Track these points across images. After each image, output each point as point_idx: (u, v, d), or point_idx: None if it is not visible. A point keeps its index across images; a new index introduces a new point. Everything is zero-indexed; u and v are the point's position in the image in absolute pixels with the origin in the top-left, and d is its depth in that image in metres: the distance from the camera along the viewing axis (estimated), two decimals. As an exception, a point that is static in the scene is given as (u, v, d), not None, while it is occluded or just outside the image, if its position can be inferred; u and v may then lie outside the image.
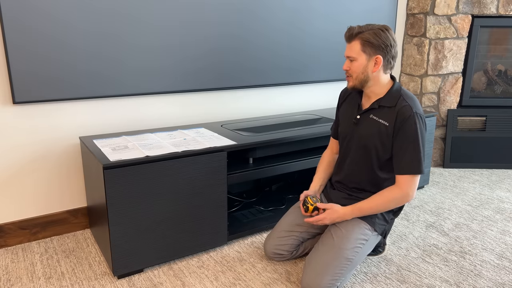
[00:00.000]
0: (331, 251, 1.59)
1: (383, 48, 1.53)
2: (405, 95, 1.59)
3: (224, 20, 2.28)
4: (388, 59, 1.56)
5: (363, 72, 1.57)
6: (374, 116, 1.62)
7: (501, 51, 3.08)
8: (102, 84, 2.02)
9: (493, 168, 3.11)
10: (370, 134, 1.62)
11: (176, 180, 1.75)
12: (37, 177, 2.00)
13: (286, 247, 1.79)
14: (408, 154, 1.55)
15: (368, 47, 1.53)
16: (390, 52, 1.55)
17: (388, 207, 1.60)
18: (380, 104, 1.60)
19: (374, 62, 1.55)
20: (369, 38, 1.52)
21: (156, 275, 1.76)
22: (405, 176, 1.56)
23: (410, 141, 1.54)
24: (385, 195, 1.59)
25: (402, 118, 1.54)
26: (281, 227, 1.81)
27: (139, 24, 2.04)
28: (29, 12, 1.79)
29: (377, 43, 1.52)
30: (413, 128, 1.53)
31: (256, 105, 2.58)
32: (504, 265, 1.85)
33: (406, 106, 1.55)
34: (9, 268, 1.81)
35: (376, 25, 1.55)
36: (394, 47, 1.56)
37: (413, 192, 1.58)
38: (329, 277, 1.55)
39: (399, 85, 1.63)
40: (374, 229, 1.65)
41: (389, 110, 1.58)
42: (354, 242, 1.60)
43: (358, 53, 1.55)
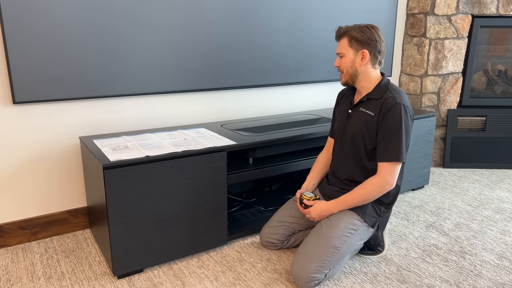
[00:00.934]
0: (319, 240, 1.66)
1: (368, 42, 1.63)
2: (392, 88, 1.67)
3: (224, 20, 2.28)
4: (375, 54, 1.65)
5: (351, 66, 1.68)
6: (363, 108, 1.70)
7: (501, 51, 3.08)
8: (102, 84, 2.02)
9: (493, 168, 3.11)
10: (359, 125, 1.69)
11: (176, 180, 1.75)
12: (37, 177, 2.00)
13: (277, 236, 1.90)
14: (390, 142, 1.61)
15: (354, 42, 1.65)
16: (376, 47, 1.64)
17: (370, 197, 1.66)
18: (369, 97, 1.69)
19: (361, 56, 1.65)
20: (355, 34, 1.64)
21: (156, 275, 1.76)
22: (385, 163, 1.62)
23: (393, 129, 1.60)
24: (366, 184, 1.66)
25: (386, 107, 1.61)
26: (275, 218, 1.92)
27: (140, 24, 2.04)
28: (29, 12, 1.79)
29: (363, 38, 1.63)
30: (396, 117, 1.60)
31: (256, 105, 2.58)
32: (504, 265, 1.85)
33: (390, 97, 1.62)
34: (9, 268, 1.81)
35: (362, 24, 1.67)
36: (380, 43, 1.65)
37: (392, 180, 1.64)
38: (316, 263, 1.61)
39: (388, 80, 1.71)
40: (364, 220, 1.69)
41: (375, 102, 1.66)
42: (342, 231, 1.65)
43: (346, 48, 1.67)
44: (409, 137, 1.64)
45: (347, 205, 1.69)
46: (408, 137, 1.63)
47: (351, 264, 1.85)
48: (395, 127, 1.60)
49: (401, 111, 1.59)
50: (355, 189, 1.68)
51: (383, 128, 1.62)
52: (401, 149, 1.60)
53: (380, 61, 1.68)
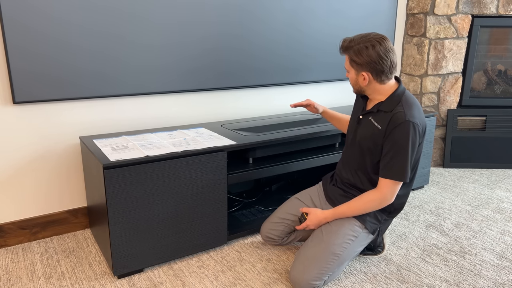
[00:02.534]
0: (319, 246, 1.64)
1: (367, 64, 1.55)
2: (405, 101, 1.59)
3: (224, 20, 2.28)
4: (377, 73, 1.57)
5: (355, 84, 1.65)
6: (372, 119, 1.65)
7: (501, 51, 3.08)
8: (102, 84, 2.02)
9: (493, 168, 3.11)
10: (366, 135, 1.65)
11: (176, 180, 1.75)
12: (37, 177, 2.00)
13: (277, 233, 1.90)
14: (395, 160, 1.56)
15: (354, 64, 1.59)
16: (376, 68, 1.55)
17: (367, 210, 1.64)
18: (379, 109, 1.62)
19: (362, 77, 1.59)
20: (353, 56, 1.57)
21: (156, 275, 1.76)
22: (387, 180, 1.59)
23: (399, 147, 1.54)
24: (364, 197, 1.63)
25: (394, 123, 1.55)
26: (276, 214, 1.93)
27: (139, 24, 2.04)
28: (29, 11, 1.79)
29: (360, 62, 1.55)
30: (404, 135, 1.53)
31: (256, 105, 2.58)
32: (504, 265, 1.85)
33: (400, 113, 1.55)
34: (9, 268, 1.81)
35: (365, 38, 1.54)
36: (382, 61, 1.54)
37: (391, 197, 1.61)
38: (316, 270, 1.59)
39: (403, 90, 1.62)
40: (365, 226, 1.68)
41: (385, 114, 1.60)
42: (342, 238, 1.64)
43: (348, 67, 1.63)
44: (414, 156, 1.58)
45: (344, 216, 1.67)
46: (413, 156, 1.58)
47: (351, 264, 1.85)
48: (401, 145, 1.54)
49: (409, 128, 1.52)
50: (353, 200, 1.65)
51: (389, 144, 1.56)
52: (405, 169, 1.55)
53: (387, 76, 1.58)
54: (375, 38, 1.54)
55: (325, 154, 2.22)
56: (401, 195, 1.70)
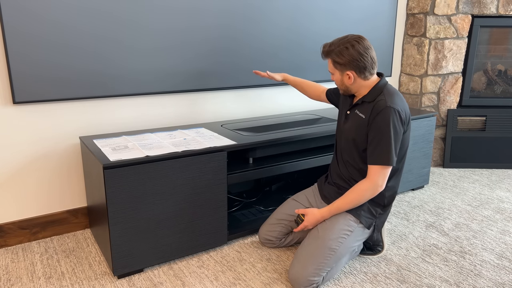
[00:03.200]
0: (315, 242, 1.67)
1: (350, 63, 1.63)
2: (386, 90, 1.66)
3: (224, 20, 2.28)
4: (360, 70, 1.64)
5: (341, 84, 1.72)
6: (358, 111, 1.71)
7: (501, 51, 3.08)
8: (102, 84, 2.02)
9: (493, 168, 3.11)
10: (352, 127, 1.72)
11: (176, 180, 1.75)
12: (37, 177, 2.00)
13: (275, 234, 1.91)
14: (378, 145, 1.61)
15: (337, 65, 1.67)
16: (359, 65, 1.63)
17: (362, 200, 1.67)
18: (363, 100, 1.70)
19: (347, 76, 1.66)
20: (335, 58, 1.65)
21: (156, 275, 1.76)
22: (374, 166, 1.63)
23: (381, 132, 1.60)
24: (357, 188, 1.67)
25: (376, 110, 1.62)
26: (273, 216, 1.95)
27: (139, 24, 2.04)
28: (30, 12, 1.79)
29: (343, 62, 1.64)
30: (386, 120, 1.59)
31: (256, 105, 2.58)
32: (504, 265, 1.85)
33: (381, 100, 1.62)
34: (9, 268, 1.81)
35: (344, 40, 1.63)
36: (363, 58, 1.62)
37: (382, 182, 1.65)
38: (313, 266, 1.62)
39: (384, 83, 1.70)
40: (360, 221, 1.70)
41: (368, 104, 1.67)
42: (337, 233, 1.66)
43: (332, 69, 1.71)
44: (398, 141, 1.63)
45: (340, 210, 1.70)
46: (397, 141, 1.62)
47: (351, 264, 1.85)
48: (384, 130, 1.59)
49: (391, 114, 1.59)
50: (346, 194, 1.68)
51: (373, 130, 1.62)
52: (390, 153, 1.60)
53: (370, 71, 1.66)
54: (353, 38, 1.63)
55: (325, 154, 2.22)
56: (390, 186, 1.74)
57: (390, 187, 1.74)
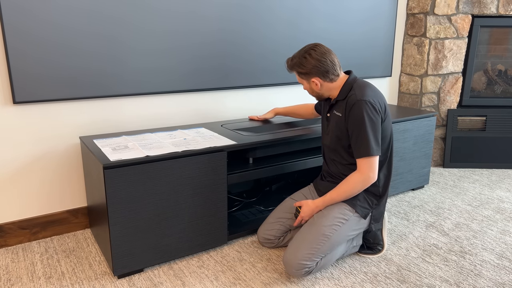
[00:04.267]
0: (309, 228, 1.72)
1: (312, 71, 1.70)
2: (356, 85, 1.72)
3: (224, 20, 2.28)
4: (324, 75, 1.71)
5: (312, 92, 1.79)
6: (335, 110, 1.77)
7: (501, 51, 3.08)
8: (102, 84, 2.02)
9: (493, 168, 3.11)
10: (333, 126, 1.77)
11: (176, 180, 1.75)
12: (37, 177, 2.00)
13: (273, 232, 1.92)
14: (358, 139, 1.66)
15: (302, 75, 1.74)
16: (320, 71, 1.69)
17: (355, 191, 1.71)
18: (337, 100, 1.76)
19: (314, 83, 1.73)
20: (298, 69, 1.73)
21: (156, 275, 1.76)
22: (361, 159, 1.68)
23: (357, 126, 1.65)
24: (349, 180, 1.70)
25: (349, 106, 1.68)
26: (272, 215, 1.96)
27: (139, 24, 2.04)
28: (30, 12, 1.79)
29: (306, 71, 1.71)
30: (359, 113, 1.64)
31: (256, 105, 2.58)
32: (504, 265, 1.85)
33: (352, 95, 1.68)
34: (9, 268, 1.81)
35: (302, 51, 1.72)
36: (323, 63, 1.69)
37: (373, 173, 1.68)
38: (306, 250, 1.66)
39: (352, 79, 1.75)
40: (355, 210, 1.73)
41: (342, 102, 1.73)
42: (332, 220, 1.71)
43: (300, 80, 1.78)
44: (376, 130, 1.66)
45: (333, 201, 1.74)
46: (375, 130, 1.66)
47: (351, 264, 1.85)
48: (359, 123, 1.64)
49: (363, 106, 1.64)
50: (339, 185, 1.72)
51: (350, 126, 1.67)
52: (370, 143, 1.64)
53: (333, 73, 1.71)
54: (310, 47, 1.71)
55: (325, 154, 2.22)
56: (382, 176, 1.79)
57: (382, 176, 1.79)
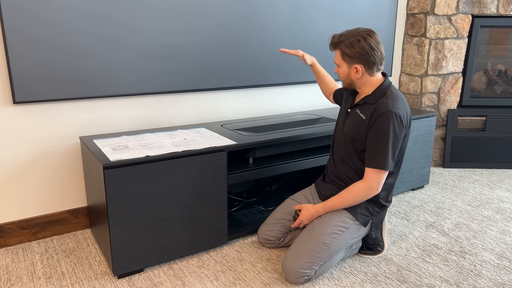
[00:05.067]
0: (309, 236, 1.69)
1: (360, 56, 1.60)
2: (390, 94, 1.64)
3: (224, 19, 2.28)
4: (369, 65, 1.62)
5: (347, 78, 1.69)
6: (359, 110, 1.70)
7: (501, 51, 3.08)
8: (102, 84, 2.02)
9: (493, 168, 3.11)
10: (351, 126, 1.70)
11: (176, 180, 1.75)
12: (37, 177, 2.00)
13: (273, 233, 1.91)
14: (376, 150, 1.61)
15: (346, 57, 1.63)
16: (369, 59, 1.60)
17: (356, 201, 1.68)
18: (366, 101, 1.68)
19: (355, 70, 1.64)
20: (345, 49, 1.61)
21: (156, 275, 1.76)
22: (371, 169, 1.63)
23: (381, 137, 1.59)
24: (352, 189, 1.67)
25: (377, 113, 1.60)
26: (272, 216, 1.95)
27: (139, 24, 2.04)
28: (30, 12, 1.79)
29: (353, 54, 1.60)
30: (386, 125, 1.58)
31: (256, 105, 2.58)
32: (504, 265, 1.85)
33: (383, 104, 1.60)
34: (9, 268, 1.81)
35: (355, 32, 1.60)
36: (374, 53, 1.59)
37: (378, 186, 1.64)
38: (305, 259, 1.63)
39: (388, 84, 1.68)
40: (356, 218, 1.71)
41: (370, 106, 1.65)
42: (332, 228, 1.67)
43: (340, 61, 1.67)
44: (397, 146, 1.62)
45: (334, 208, 1.71)
46: (396, 146, 1.61)
47: (351, 264, 1.85)
48: (383, 135, 1.58)
49: (391, 119, 1.57)
50: (341, 193, 1.69)
51: (372, 133, 1.61)
52: (387, 158, 1.60)
53: (378, 67, 1.64)
54: (365, 31, 1.60)
55: (325, 154, 2.22)
56: (387, 184, 1.74)
57: (386, 185, 1.74)
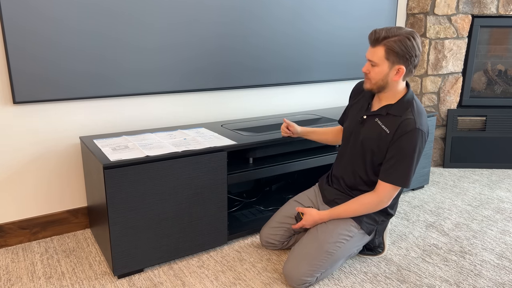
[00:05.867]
0: (312, 243, 1.65)
1: (408, 58, 1.48)
2: (416, 108, 1.57)
3: (224, 19, 2.28)
4: (411, 69, 1.52)
5: (383, 79, 1.54)
6: (379, 121, 1.61)
7: (501, 51, 3.08)
8: (102, 84, 2.02)
9: (493, 168, 3.11)
10: (371, 136, 1.62)
11: (176, 180, 1.75)
12: (37, 177, 2.00)
13: (277, 237, 1.88)
14: (398, 166, 1.55)
15: (392, 56, 1.48)
16: (414, 62, 1.51)
17: (363, 212, 1.65)
18: (388, 112, 1.59)
19: (396, 71, 1.52)
20: (394, 46, 1.47)
21: (156, 275, 1.76)
22: (386, 184, 1.59)
23: (405, 154, 1.54)
24: (361, 199, 1.63)
25: (403, 129, 1.53)
26: (275, 218, 1.91)
27: (139, 24, 2.04)
28: (29, 12, 1.79)
29: (402, 53, 1.47)
30: (412, 143, 1.53)
31: (256, 105, 2.58)
32: (504, 265, 1.85)
33: (410, 120, 1.52)
34: (9, 268, 1.81)
35: (403, 30, 1.48)
36: (419, 57, 1.51)
37: (388, 201, 1.62)
38: (308, 267, 1.61)
39: (412, 96, 1.60)
40: (361, 227, 1.68)
41: (394, 119, 1.57)
42: (336, 237, 1.65)
43: (381, 59, 1.51)
44: (418, 162, 1.58)
45: (340, 217, 1.68)
46: (417, 164, 1.57)
47: (351, 264, 1.85)
48: (408, 153, 1.53)
49: (418, 137, 1.52)
50: (349, 202, 1.65)
51: (396, 149, 1.54)
52: (409, 176, 1.55)
53: (412, 73, 1.56)
54: (412, 31, 1.48)
55: (325, 154, 2.22)
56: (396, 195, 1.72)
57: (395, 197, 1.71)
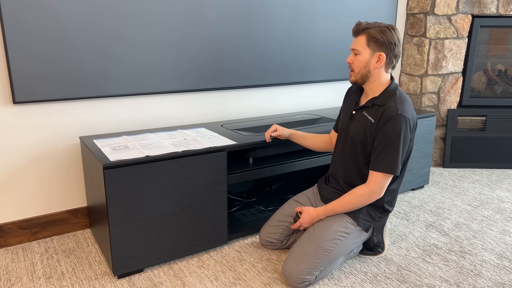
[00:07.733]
0: (310, 241, 1.66)
1: (387, 45, 1.58)
2: (398, 96, 1.62)
3: (224, 19, 2.28)
4: (391, 58, 1.61)
5: (365, 66, 1.62)
6: (366, 113, 1.66)
7: (501, 51, 3.08)
8: (102, 84, 2.02)
9: (493, 168, 3.11)
10: (358, 129, 1.67)
11: (176, 180, 1.75)
12: (37, 177, 2.00)
13: (276, 236, 1.90)
14: (385, 153, 1.58)
15: (372, 43, 1.59)
16: (393, 51, 1.60)
17: (358, 205, 1.66)
18: (374, 103, 1.65)
19: (377, 58, 1.60)
20: (375, 34, 1.58)
21: (156, 275, 1.76)
22: (376, 173, 1.61)
23: (390, 140, 1.56)
24: (354, 192, 1.65)
25: (386, 116, 1.57)
26: (275, 217, 1.92)
27: (139, 24, 2.04)
28: (29, 11, 1.79)
29: (382, 40, 1.57)
30: (395, 129, 1.56)
31: (256, 105, 2.58)
32: (504, 265, 1.85)
33: (392, 107, 1.58)
34: (9, 268, 1.81)
35: (382, 24, 1.60)
36: (398, 47, 1.60)
37: (381, 190, 1.62)
38: (306, 265, 1.62)
39: (396, 86, 1.66)
40: (357, 223, 1.69)
41: (378, 108, 1.62)
42: (333, 234, 1.66)
43: (363, 47, 1.60)
44: (405, 150, 1.61)
45: (335, 212, 1.69)
46: (404, 150, 1.60)
47: (351, 264, 1.85)
48: (393, 139, 1.56)
49: (401, 122, 1.55)
50: (343, 197, 1.67)
51: (381, 137, 1.58)
52: (396, 162, 1.58)
53: (394, 65, 1.64)
54: (392, 24, 1.60)
55: (325, 154, 2.22)
56: (391, 190, 1.72)
57: (391, 191, 1.72)
